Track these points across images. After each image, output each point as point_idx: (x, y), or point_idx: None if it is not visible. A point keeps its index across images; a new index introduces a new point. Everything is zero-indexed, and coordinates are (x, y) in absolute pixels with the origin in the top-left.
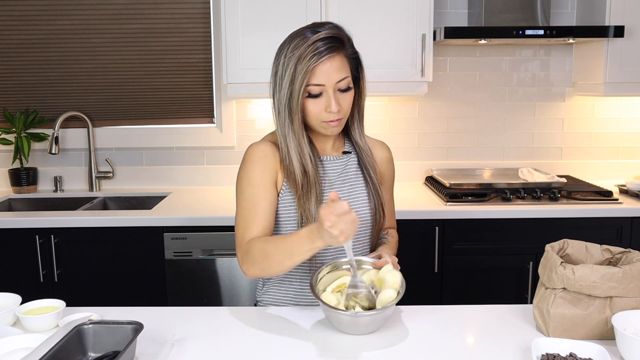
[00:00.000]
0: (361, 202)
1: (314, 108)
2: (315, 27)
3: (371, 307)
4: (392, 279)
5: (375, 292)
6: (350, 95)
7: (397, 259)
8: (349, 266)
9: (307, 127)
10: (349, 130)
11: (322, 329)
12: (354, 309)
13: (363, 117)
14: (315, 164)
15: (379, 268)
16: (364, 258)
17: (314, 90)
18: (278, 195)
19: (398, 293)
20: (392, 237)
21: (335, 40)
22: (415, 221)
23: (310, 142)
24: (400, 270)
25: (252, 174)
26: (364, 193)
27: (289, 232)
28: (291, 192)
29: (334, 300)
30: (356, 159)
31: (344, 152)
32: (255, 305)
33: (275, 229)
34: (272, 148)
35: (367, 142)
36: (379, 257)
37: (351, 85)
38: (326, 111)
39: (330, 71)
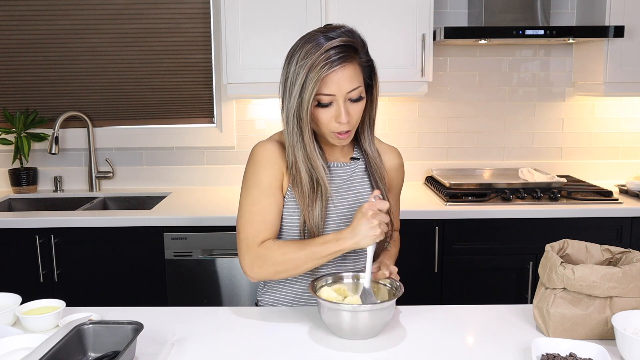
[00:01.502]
0: None
1: (323, 117)
2: (328, 32)
3: None
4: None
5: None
6: (361, 105)
7: (396, 269)
8: (350, 281)
9: (316, 133)
10: (358, 138)
11: (322, 329)
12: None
13: (374, 124)
14: (326, 171)
15: (377, 280)
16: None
17: (324, 99)
18: (283, 198)
19: (394, 294)
20: (394, 240)
21: (349, 49)
22: (415, 221)
23: (319, 147)
24: (400, 272)
25: (260, 177)
26: None
27: (291, 237)
28: (295, 198)
29: (332, 297)
30: (364, 166)
31: (352, 159)
32: (256, 305)
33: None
34: (279, 149)
35: (379, 147)
36: (378, 269)
37: (363, 94)
38: (336, 121)
39: (341, 81)
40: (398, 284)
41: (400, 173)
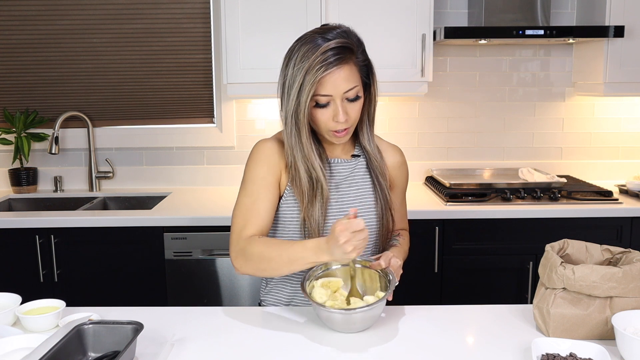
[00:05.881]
0: (368, 207)
1: (321, 117)
2: (325, 33)
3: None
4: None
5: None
6: (358, 104)
7: (399, 262)
8: (339, 266)
9: (315, 131)
10: (358, 136)
11: (322, 329)
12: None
13: (373, 122)
14: (324, 171)
15: (374, 269)
16: (361, 258)
17: (322, 100)
18: (281, 197)
19: (384, 294)
20: (403, 238)
21: (345, 50)
22: (415, 221)
23: (319, 144)
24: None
25: (256, 172)
26: (371, 197)
27: (290, 233)
28: (294, 196)
29: (324, 297)
30: (365, 163)
31: (353, 156)
32: (259, 304)
33: (276, 229)
34: (278, 147)
35: (380, 145)
36: (379, 259)
37: (360, 94)
38: (333, 120)
39: (338, 81)
40: (390, 277)
41: (403, 171)
